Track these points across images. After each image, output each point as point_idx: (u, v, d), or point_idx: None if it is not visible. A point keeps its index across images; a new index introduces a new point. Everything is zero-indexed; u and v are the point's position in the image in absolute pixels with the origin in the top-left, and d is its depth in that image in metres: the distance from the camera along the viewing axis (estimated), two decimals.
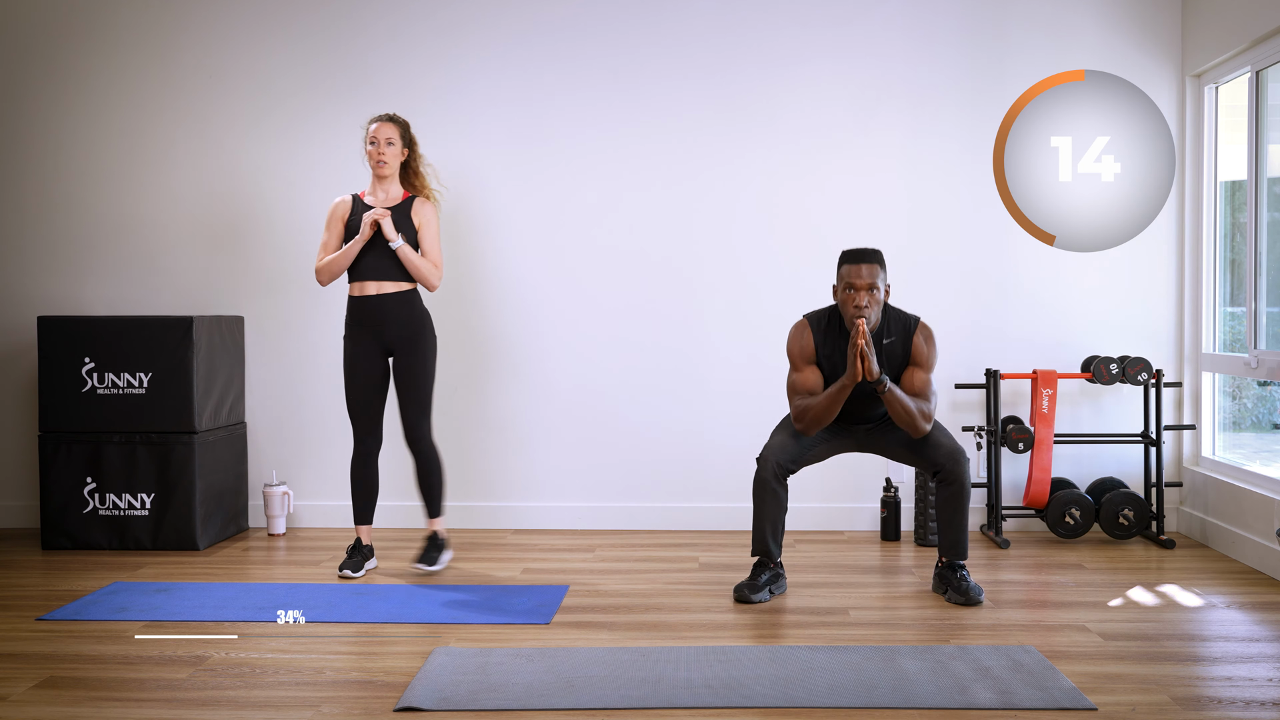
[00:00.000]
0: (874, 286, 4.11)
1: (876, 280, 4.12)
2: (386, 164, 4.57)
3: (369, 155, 4.59)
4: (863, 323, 4.04)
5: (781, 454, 4.24)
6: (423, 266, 4.56)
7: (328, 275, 4.61)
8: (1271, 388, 5.60)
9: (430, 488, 4.67)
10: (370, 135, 4.59)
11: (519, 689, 3.25)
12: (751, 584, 4.25)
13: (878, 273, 4.13)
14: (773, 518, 4.24)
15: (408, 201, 4.63)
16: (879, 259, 4.16)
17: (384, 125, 4.58)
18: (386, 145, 4.57)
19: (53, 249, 5.65)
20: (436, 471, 4.67)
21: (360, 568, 4.62)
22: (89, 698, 3.24)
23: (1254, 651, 3.63)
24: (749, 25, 5.50)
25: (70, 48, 5.62)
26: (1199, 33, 5.27)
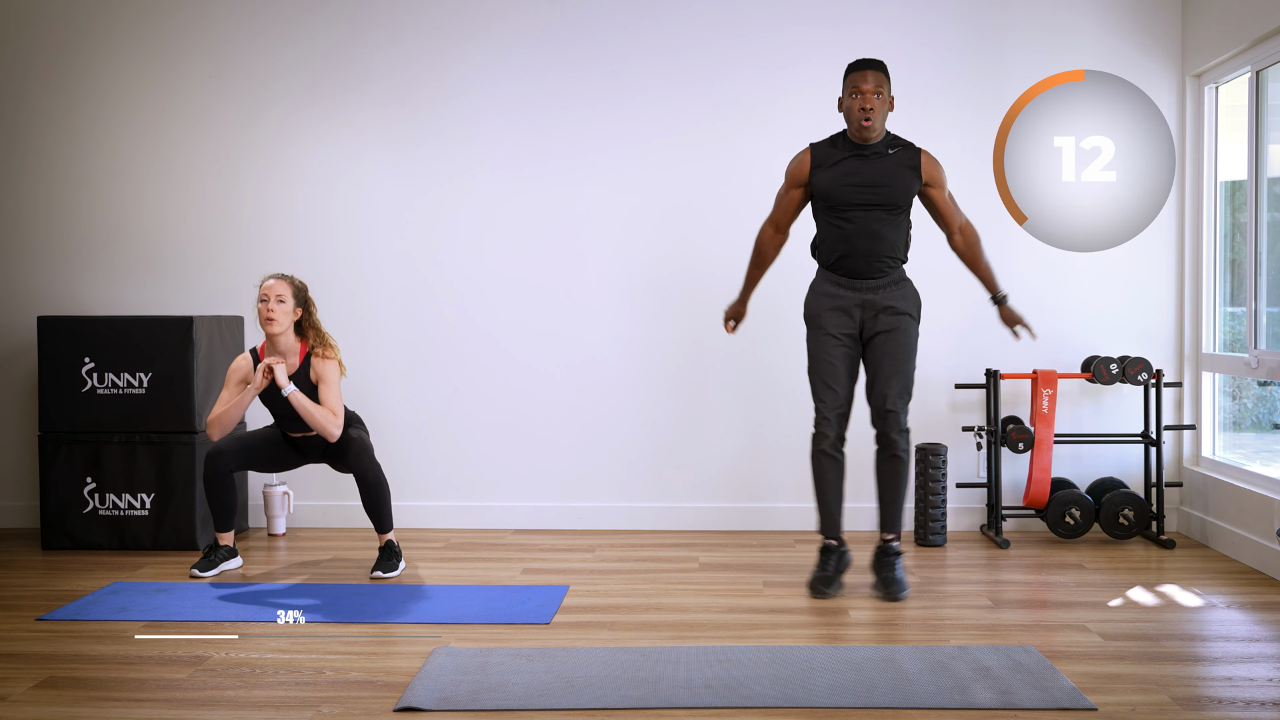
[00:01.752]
0: (879, 92, 4.16)
1: (882, 86, 4.17)
2: (275, 320, 4.54)
3: (259, 312, 4.57)
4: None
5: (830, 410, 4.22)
6: (317, 413, 4.51)
7: (218, 428, 4.57)
8: (1271, 388, 5.60)
9: (375, 508, 4.62)
10: (261, 292, 4.57)
11: (519, 689, 3.25)
12: (823, 576, 4.26)
13: (883, 80, 4.18)
14: (835, 490, 4.27)
15: (306, 359, 4.63)
16: (884, 68, 4.21)
17: (277, 282, 4.57)
18: (277, 303, 4.55)
19: (53, 249, 5.65)
20: (381, 493, 4.62)
21: (212, 567, 4.63)
22: (89, 698, 3.24)
23: (1254, 651, 3.63)
24: (749, 26, 5.50)
25: (70, 48, 5.62)
26: (1199, 33, 5.27)
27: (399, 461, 5.54)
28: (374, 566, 4.61)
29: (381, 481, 4.62)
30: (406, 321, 5.56)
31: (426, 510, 5.58)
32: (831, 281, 4.30)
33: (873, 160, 4.21)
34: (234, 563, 4.74)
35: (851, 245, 4.22)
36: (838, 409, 4.27)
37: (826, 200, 4.25)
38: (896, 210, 4.22)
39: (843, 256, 4.25)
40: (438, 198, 5.57)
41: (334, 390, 4.58)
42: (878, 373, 4.26)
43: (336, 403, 4.56)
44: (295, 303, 4.60)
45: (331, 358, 4.63)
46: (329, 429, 4.53)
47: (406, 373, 5.58)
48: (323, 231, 5.58)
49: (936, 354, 5.38)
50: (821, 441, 4.27)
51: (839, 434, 4.28)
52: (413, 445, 5.56)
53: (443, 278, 5.57)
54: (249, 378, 4.61)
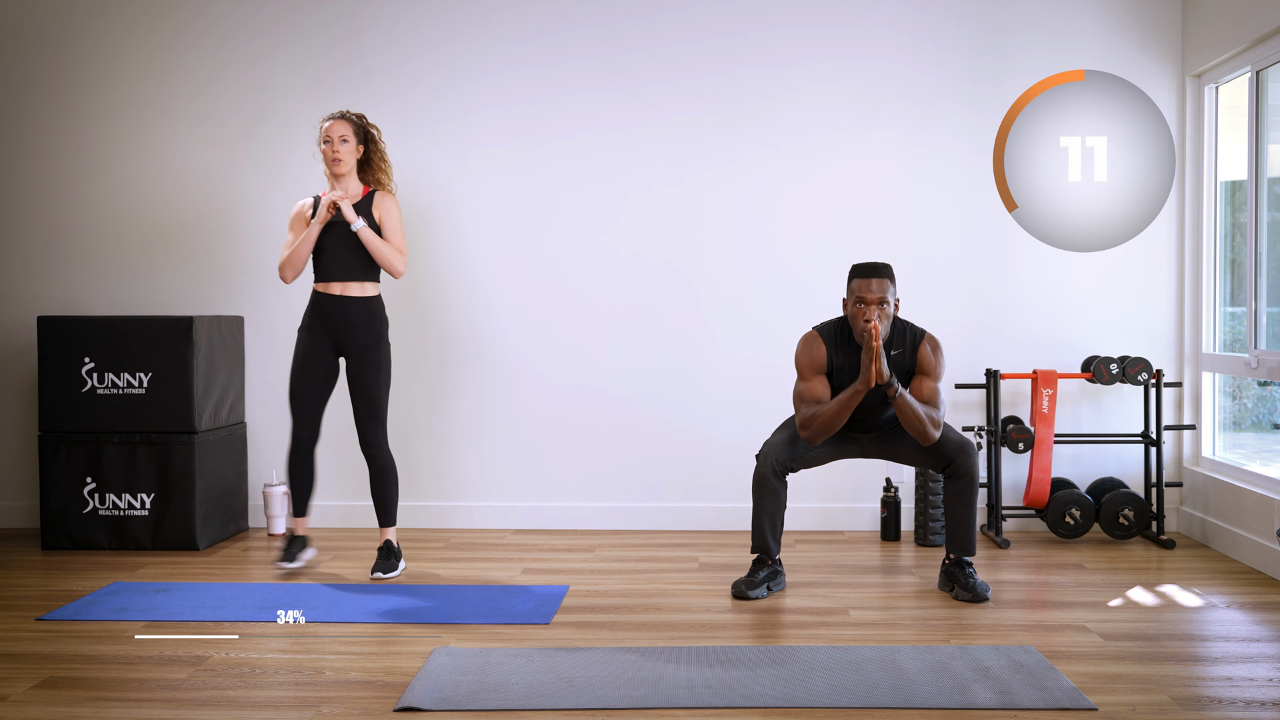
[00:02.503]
0: (884, 300, 4.15)
1: (886, 294, 4.16)
2: (341, 160, 4.52)
3: (324, 154, 4.54)
4: (875, 326, 4.06)
5: (781, 451, 4.25)
6: (385, 250, 4.50)
7: (290, 268, 4.54)
8: (1271, 388, 5.60)
9: (383, 497, 4.64)
10: (324, 133, 4.53)
11: (519, 689, 3.25)
12: (749, 580, 4.27)
13: (888, 287, 4.16)
14: (771, 514, 4.27)
15: (368, 196, 4.59)
16: (889, 273, 4.19)
17: (337, 123, 4.53)
18: (341, 143, 4.52)
19: (53, 249, 5.65)
20: (391, 481, 4.64)
21: (295, 558, 4.63)
22: (89, 698, 3.24)
23: (1254, 651, 3.63)
24: (749, 25, 5.50)
25: (70, 48, 5.62)
26: (1199, 33, 5.27)
27: (399, 461, 5.53)
28: (374, 567, 4.60)
29: (392, 469, 4.62)
30: (406, 320, 5.56)
31: (426, 510, 5.58)
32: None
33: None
34: (311, 552, 4.75)
35: (853, 416, 4.26)
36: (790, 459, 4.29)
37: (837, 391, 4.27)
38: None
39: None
40: (437, 196, 5.57)
41: (398, 230, 4.56)
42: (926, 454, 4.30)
43: (401, 241, 4.55)
44: (358, 139, 4.57)
45: (392, 199, 4.60)
46: (395, 265, 4.51)
47: (406, 372, 5.57)
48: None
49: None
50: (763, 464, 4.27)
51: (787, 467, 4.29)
52: (412, 445, 5.56)
53: (440, 276, 5.57)
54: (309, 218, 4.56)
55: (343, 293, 4.55)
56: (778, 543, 4.30)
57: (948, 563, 4.33)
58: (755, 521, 4.29)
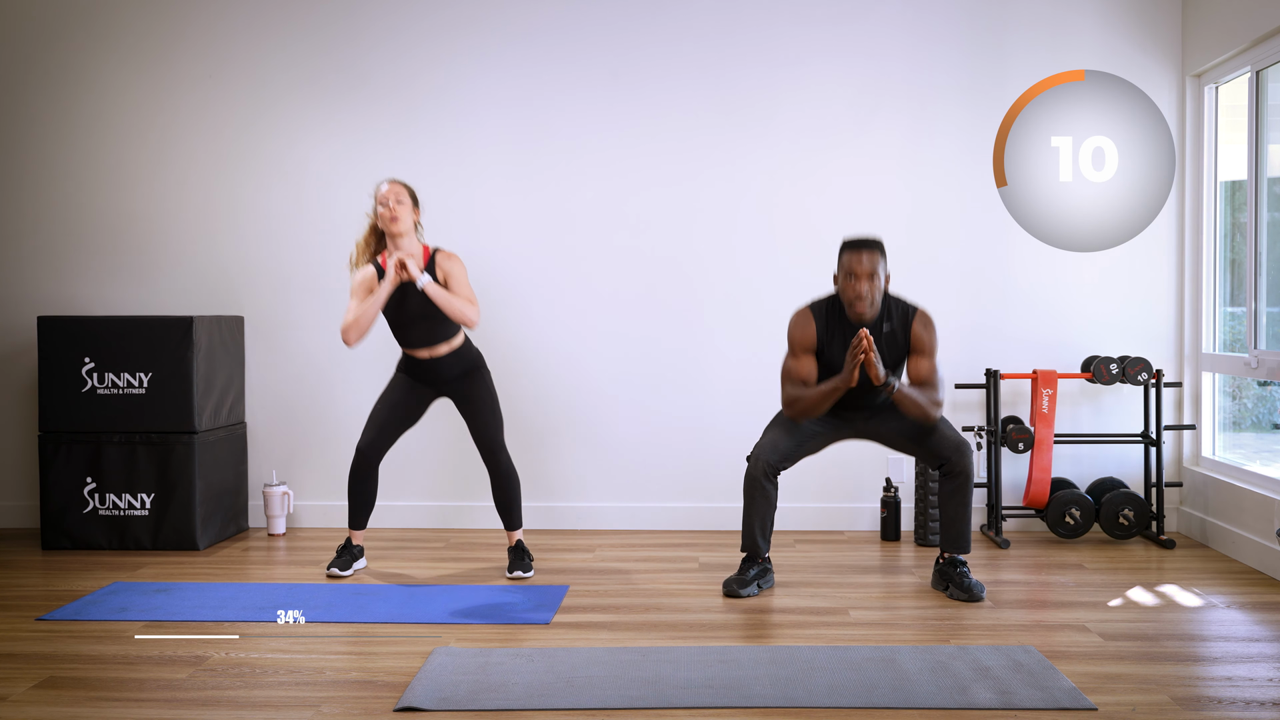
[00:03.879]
0: (874, 274, 4.16)
1: (877, 268, 4.16)
2: (399, 220, 4.48)
3: (380, 217, 4.50)
4: (865, 333, 4.06)
5: (772, 453, 4.27)
6: (455, 302, 4.44)
7: (355, 331, 4.46)
8: (1271, 388, 5.60)
9: (509, 503, 4.64)
10: (380, 198, 4.51)
11: (519, 689, 3.25)
12: (740, 579, 4.31)
13: (878, 260, 4.17)
14: (761, 515, 4.30)
15: (431, 258, 4.56)
16: (880, 247, 4.20)
17: (392, 186, 4.52)
18: (397, 204, 4.49)
19: (53, 249, 5.65)
20: (515, 487, 4.64)
21: (349, 567, 4.63)
22: (89, 698, 3.24)
23: (1254, 651, 3.63)
24: (749, 25, 5.50)
25: (70, 48, 5.62)
26: (1199, 33, 5.27)
27: (399, 461, 5.54)
28: (510, 567, 4.60)
29: (513, 475, 4.63)
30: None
31: (427, 510, 5.58)
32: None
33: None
34: (363, 562, 4.75)
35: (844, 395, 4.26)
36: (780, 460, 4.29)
37: (828, 370, 4.29)
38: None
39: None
40: (437, 196, 5.55)
41: (465, 283, 4.52)
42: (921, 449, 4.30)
43: (470, 293, 4.51)
44: (413, 203, 4.57)
45: (455, 255, 4.59)
46: (468, 316, 4.46)
47: None
48: (323, 230, 5.57)
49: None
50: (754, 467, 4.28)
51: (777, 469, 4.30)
52: (412, 445, 5.55)
53: None
54: (374, 286, 4.52)
55: (431, 355, 4.57)
56: (767, 541, 4.34)
57: (941, 561, 4.34)
58: (745, 521, 4.33)
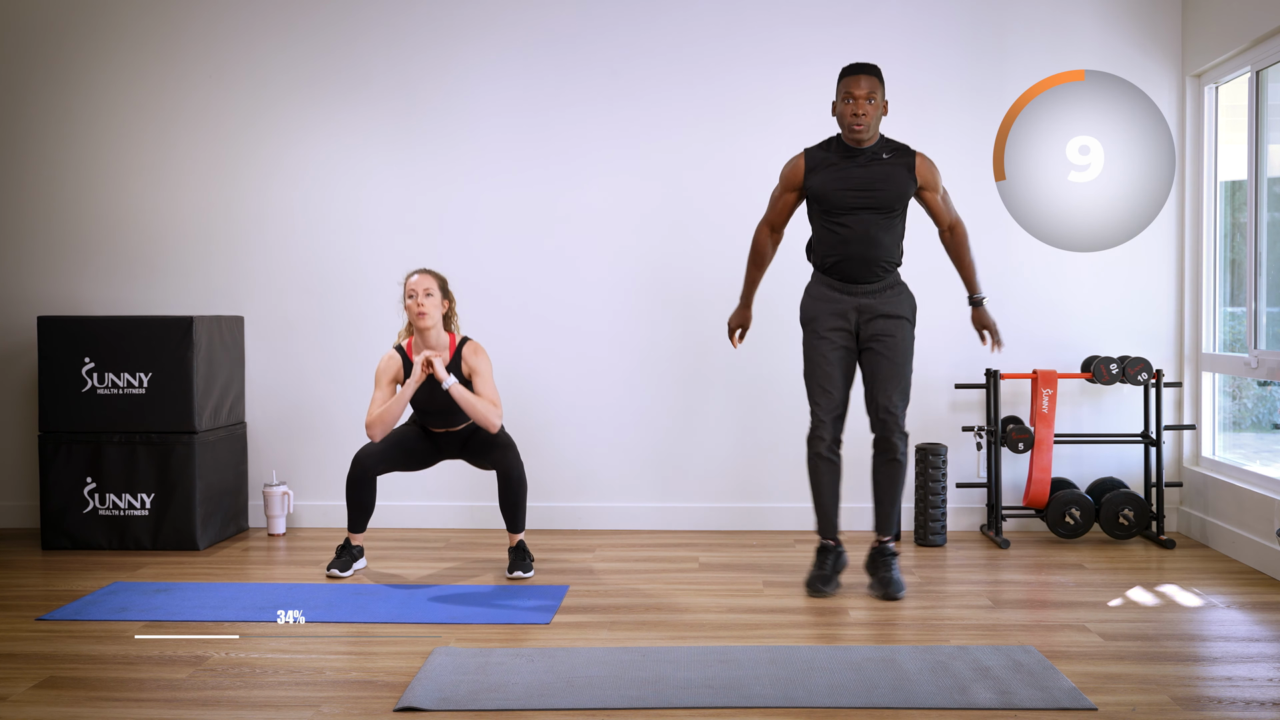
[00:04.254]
0: (872, 96, 4.15)
1: (875, 91, 4.16)
2: (427, 314, 4.48)
3: (408, 309, 4.50)
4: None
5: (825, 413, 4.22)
6: (479, 405, 4.44)
7: (380, 427, 4.47)
8: (1271, 388, 5.60)
9: (513, 507, 4.60)
10: (409, 288, 4.51)
11: (519, 689, 3.25)
12: (822, 575, 4.29)
13: (876, 85, 4.18)
14: (833, 491, 4.29)
15: (458, 351, 4.57)
16: (877, 73, 4.21)
17: (423, 277, 4.53)
18: (425, 296, 4.49)
19: (53, 249, 5.65)
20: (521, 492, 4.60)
21: (348, 567, 4.63)
22: (89, 698, 3.24)
23: (1254, 651, 3.63)
24: (749, 26, 5.50)
25: (70, 48, 5.62)
26: (1199, 33, 5.27)
27: None
28: (510, 567, 4.59)
29: (524, 480, 4.60)
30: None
31: (427, 510, 5.58)
32: (827, 285, 4.30)
33: (867, 164, 4.21)
34: (363, 562, 4.74)
35: (847, 249, 4.23)
36: (833, 412, 4.28)
37: (821, 204, 4.26)
38: (891, 214, 4.23)
39: (838, 261, 4.25)
40: (437, 197, 5.57)
41: (489, 381, 4.53)
42: (876, 377, 4.27)
43: (494, 393, 4.52)
44: (442, 295, 4.57)
45: (483, 349, 4.60)
46: (490, 420, 4.47)
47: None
48: (323, 231, 5.58)
49: (936, 354, 5.39)
50: (818, 444, 4.28)
51: (835, 436, 4.29)
52: None
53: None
54: (399, 375, 4.55)
55: (447, 429, 4.64)
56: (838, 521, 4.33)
57: (873, 548, 4.35)
58: (818, 504, 4.30)
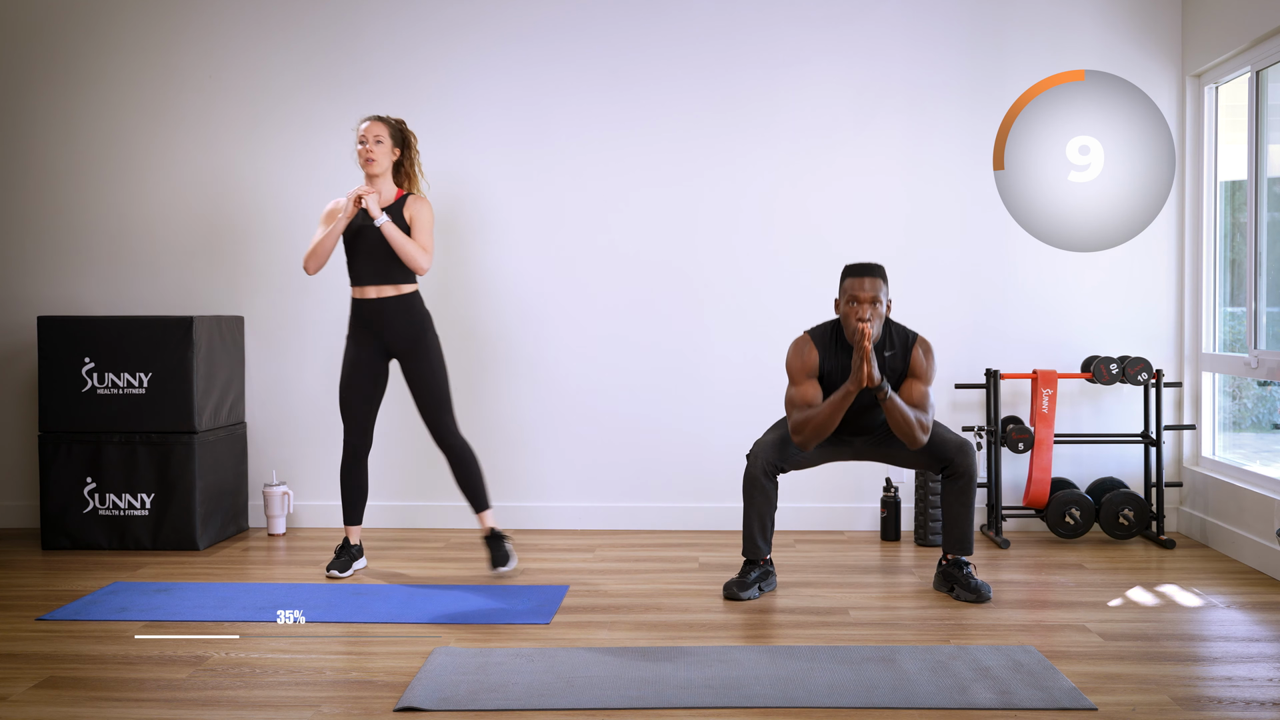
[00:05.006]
0: (877, 299, 4.13)
1: (879, 293, 4.14)
2: (375, 161, 4.53)
3: (359, 154, 4.55)
4: (867, 327, 4.05)
5: (772, 452, 4.25)
6: (409, 245, 4.47)
7: (314, 260, 4.54)
8: (1271, 388, 5.60)
9: (469, 483, 4.61)
10: (360, 134, 4.56)
11: (519, 689, 3.25)
12: (740, 582, 4.28)
13: (880, 286, 4.15)
14: (761, 515, 4.27)
15: (401, 199, 4.59)
16: (882, 273, 4.19)
17: (374, 124, 4.55)
18: (375, 143, 4.53)
19: (53, 249, 5.65)
20: (472, 465, 4.61)
21: (348, 568, 4.62)
22: (89, 698, 3.24)
23: (1254, 651, 3.63)
24: (749, 25, 5.50)
25: (70, 48, 5.63)
26: (1199, 33, 5.27)
27: (399, 461, 5.55)
28: (491, 561, 4.58)
29: (470, 453, 4.59)
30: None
31: (427, 510, 5.58)
32: None
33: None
34: (362, 562, 4.74)
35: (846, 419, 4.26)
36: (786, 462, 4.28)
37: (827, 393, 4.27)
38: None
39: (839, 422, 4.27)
40: (437, 196, 5.56)
41: (427, 231, 4.54)
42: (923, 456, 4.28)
43: (429, 241, 4.53)
44: (394, 142, 4.58)
45: (425, 203, 4.59)
46: (418, 261, 4.48)
47: None
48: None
49: (936, 354, 5.37)
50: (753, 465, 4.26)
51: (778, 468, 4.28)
52: (413, 445, 5.56)
53: (439, 276, 5.57)
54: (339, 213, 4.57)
55: (379, 295, 4.56)
56: (768, 544, 4.31)
57: (945, 563, 4.33)
58: (745, 523, 4.30)
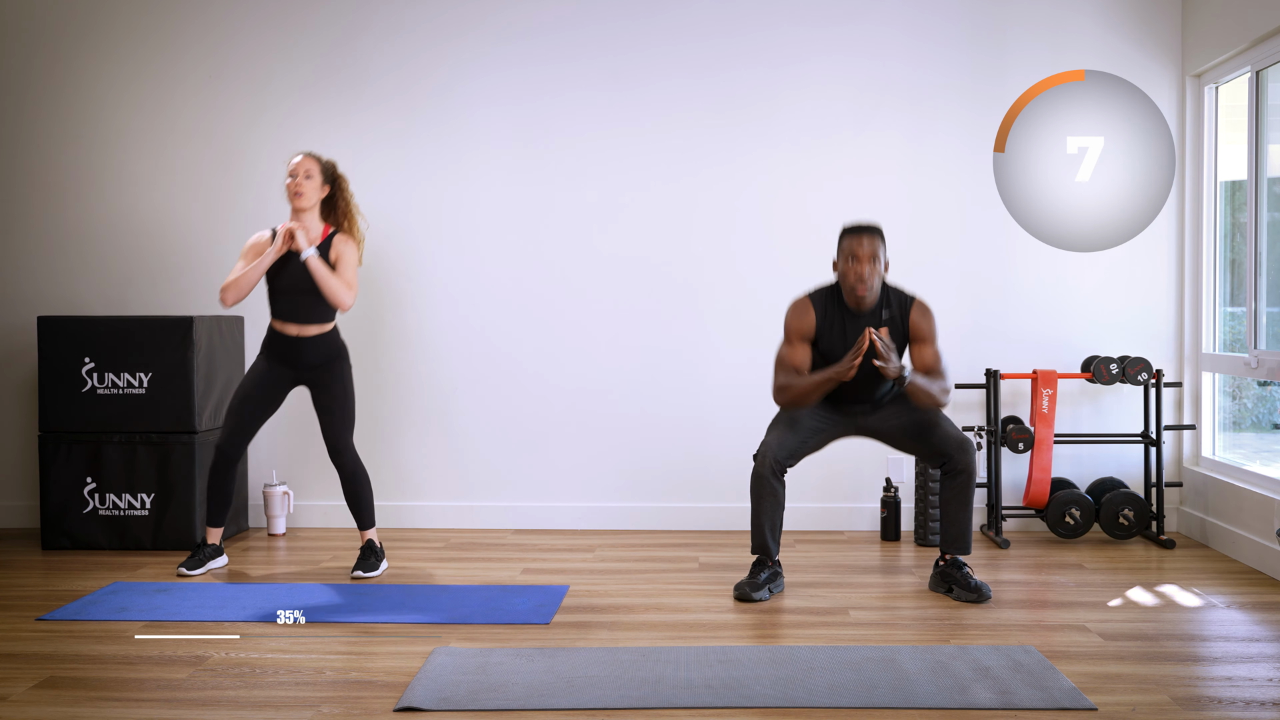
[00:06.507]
0: (875, 257, 4.17)
1: (878, 251, 4.18)
2: (304, 195, 4.52)
3: (287, 188, 4.55)
4: (871, 332, 4.06)
5: (779, 450, 4.24)
6: (333, 281, 4.48)
7: (234, 291, 4.51)
8: (1271, 388, 5.60)
9: (359, 501, 4.64)
10: (291, 168, 4.56)
11: (519, 689, 3.25)
12: (752, 583, 4.26)
13: (879, 244, 4.20)
14: (771, 515, 4.25)
15: (329, 237, 4.60)
16: (879, 233, 4.23)
17: (306, 159, 4.56)
18: (305, 178, 4.53)
19: (53, 249, 5.66)
20: (364, 485, 4.65)
21: (201, 565, 4.63)
22: (89, 698, 3.24)
23: (1254, 651, 3.63)
24: (749, 25, 5.50)
25: (70, 48, 5.62)
26: (1199, 33, 5.27)
27: (399, 461, 5.55)
28: (355, 566, 4.61)
29: (360, 472, 4.63)
30: (406, 320, 5.57)
31: (426, 510, 5.58)
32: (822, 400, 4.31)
33: (867, 324, 4.22)
34: (220, 561, 4.74)
35: (844, 387, 4.26)
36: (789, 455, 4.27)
37: (825, 358, 4.29)
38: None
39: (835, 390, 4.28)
40: (437, 196, 5.57)
41: (352, 269, 4.54)
42: (923, 445, 4.28)
43: (353, 279, 4.54)
44: (323, 179, 4.58)
45: (353, 240, 4.59)
46: (341, 298, 4.49)
47: (406, 372, 5.58)
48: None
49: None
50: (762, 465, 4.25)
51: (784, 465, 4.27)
52: (413, 445, 5.56)
53: (440, 276, 5.57)
54: (265, 250, 4.56)
55: (299, 334, 4.58)
56: (777, 544, 4.29)
57: (943, 563, 4.32)
58: (755, 523, 4.27)
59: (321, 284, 4.47)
